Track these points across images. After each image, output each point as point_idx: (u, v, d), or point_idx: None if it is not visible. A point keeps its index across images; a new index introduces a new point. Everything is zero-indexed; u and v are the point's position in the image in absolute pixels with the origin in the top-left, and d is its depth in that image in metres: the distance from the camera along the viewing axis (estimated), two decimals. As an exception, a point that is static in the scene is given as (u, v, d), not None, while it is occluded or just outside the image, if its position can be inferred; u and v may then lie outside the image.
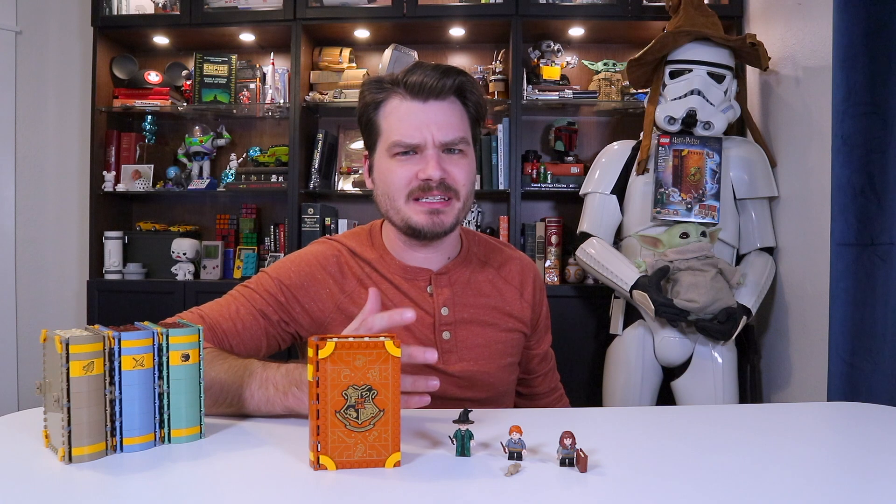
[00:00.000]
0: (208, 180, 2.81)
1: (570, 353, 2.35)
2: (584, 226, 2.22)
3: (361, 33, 2.78)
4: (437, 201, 1.02)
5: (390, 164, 1.04)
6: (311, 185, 2.74)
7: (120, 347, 0.74)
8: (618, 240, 2.24)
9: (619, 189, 2.19)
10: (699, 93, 2.04)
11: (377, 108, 1.05)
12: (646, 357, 2.05)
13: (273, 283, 1.08)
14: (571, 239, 2.43)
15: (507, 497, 0.65)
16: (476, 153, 1.10)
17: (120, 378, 0.75)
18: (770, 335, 2.20)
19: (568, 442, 0.71)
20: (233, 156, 2.92)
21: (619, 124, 2.87)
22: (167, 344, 0.77)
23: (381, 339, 0.72)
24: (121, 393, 0.75)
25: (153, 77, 2.81)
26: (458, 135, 1.03)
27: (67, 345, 0.71)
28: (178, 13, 2.69)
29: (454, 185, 1.03)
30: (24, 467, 0.72)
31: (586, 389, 2.47)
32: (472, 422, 0.75)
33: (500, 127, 2.63)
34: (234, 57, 2.79)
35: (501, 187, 2.63)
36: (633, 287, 1.97)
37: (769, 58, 2.08)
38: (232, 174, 2.85)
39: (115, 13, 2.74)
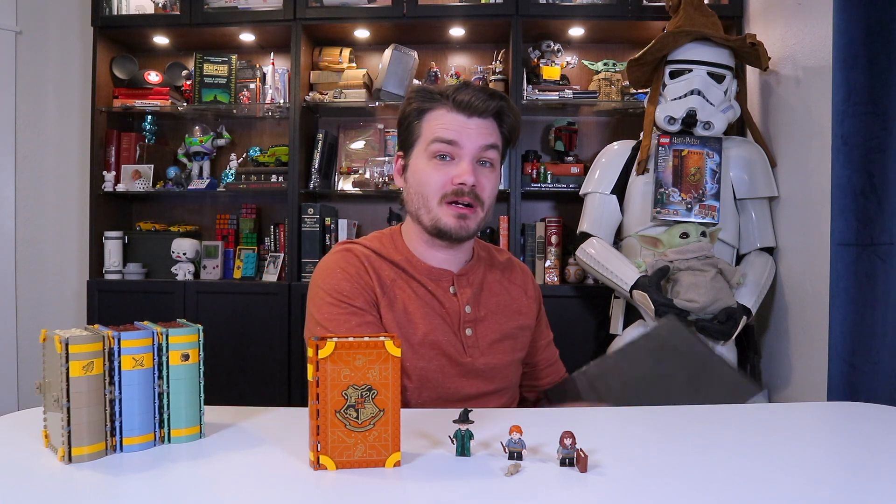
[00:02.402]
0: (208, 180, 2.81)
1: (570, 353, 2.34)
2: (584, 226, 2.21)
3: (361, 33, 2.77)
4: (466, 207, 1.10)
5: (427, 166, 1.11)
6: (311, 185, 2.74)
7: (119, 347, 0.74)
8: (618, 240, 2.23)
9: (619, 189, 2.19)
10: (699, 93, 2.04)
11: (421, 115, 1.13)
12: (646, 357, 2.05)
13: (345, 301, 1.10)
14: (571, 239, 2.43)
15: (507, 497, 0.65)
16: None
17: (120, 378, 0.75)
18: (770, 335, 2.20)
19: (568, 442, 0.71)
20: (233, 156, 2.92)
21: (619, 124, 2.87)
22: (167, 344, 0.77)
23: (381, 338, 0.72)
24: (120, 393, 0.75)
25: (153, 77, 2.81)
26: (492, 140, 1.12)
27: (67, 345, 0.71)
28: (178, 13, 2.69)
29: (481, 195, 1.12)
30: (24, 467, 0.72)
31: (586, 389, 2.46)
32: (472, 422, 0.75)
33: (500, 127, 2.63)
34: (234, 57, 2.79)
35: (501, 187, 2.62)
36: (633, 287, 1.97)
37: (769, 58, 2.08)
38: (232, 174, 2.85)
39: (115, 13, 2.74)
